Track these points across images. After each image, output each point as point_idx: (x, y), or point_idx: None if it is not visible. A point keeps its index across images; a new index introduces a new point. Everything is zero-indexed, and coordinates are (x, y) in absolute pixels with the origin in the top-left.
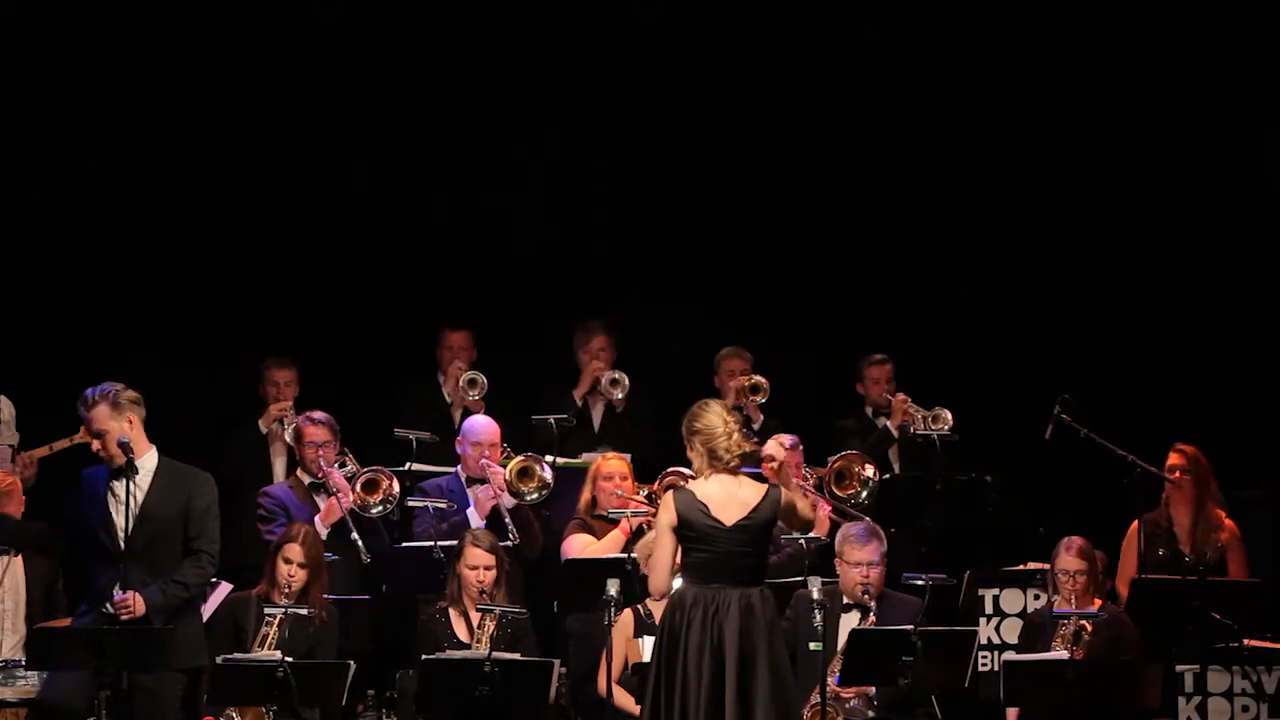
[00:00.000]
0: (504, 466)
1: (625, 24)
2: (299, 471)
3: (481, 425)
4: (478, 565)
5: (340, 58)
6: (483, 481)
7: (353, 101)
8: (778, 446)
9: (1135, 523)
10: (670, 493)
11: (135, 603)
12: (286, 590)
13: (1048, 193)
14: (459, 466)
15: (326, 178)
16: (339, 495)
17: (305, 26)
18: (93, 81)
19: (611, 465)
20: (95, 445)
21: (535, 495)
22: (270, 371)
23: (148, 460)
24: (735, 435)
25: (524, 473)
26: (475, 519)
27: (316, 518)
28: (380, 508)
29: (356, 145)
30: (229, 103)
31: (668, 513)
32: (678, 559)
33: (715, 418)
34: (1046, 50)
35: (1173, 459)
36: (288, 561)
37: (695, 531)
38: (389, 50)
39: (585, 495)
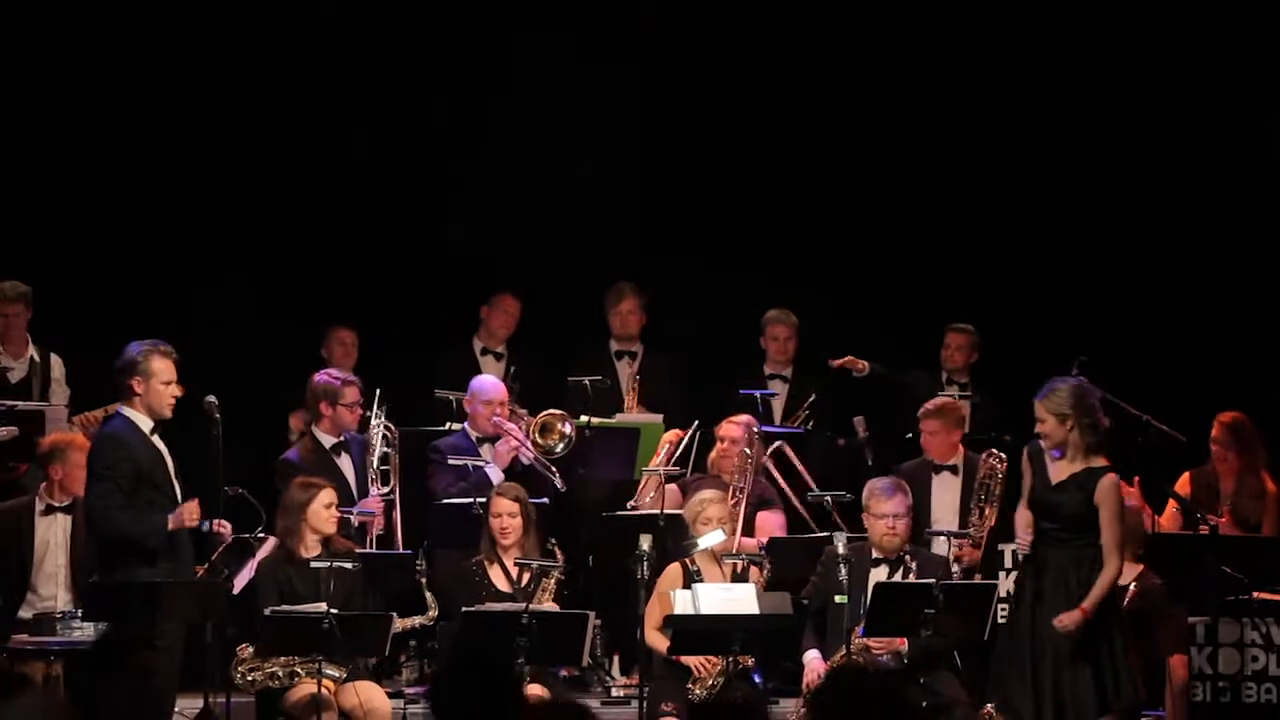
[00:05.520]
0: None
1: None
2: (316, 432)
3: (491, 384)
4: (501, 513)
5: (382, 28)
6: (493, 439)
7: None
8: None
9: (1185, 475)
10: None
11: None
12: (326, 533)
13: (1065, 165)
14: (466, 424)
15: (342, 144)
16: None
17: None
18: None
19: (730, 429)
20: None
21: (561, 447)
22: (336, 333)
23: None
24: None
25: (545, 428)
26: (495, 474)
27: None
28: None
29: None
30: (258, 74)
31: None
32: None
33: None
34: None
35: (1214, 431)
36: (329, 505)
37: None
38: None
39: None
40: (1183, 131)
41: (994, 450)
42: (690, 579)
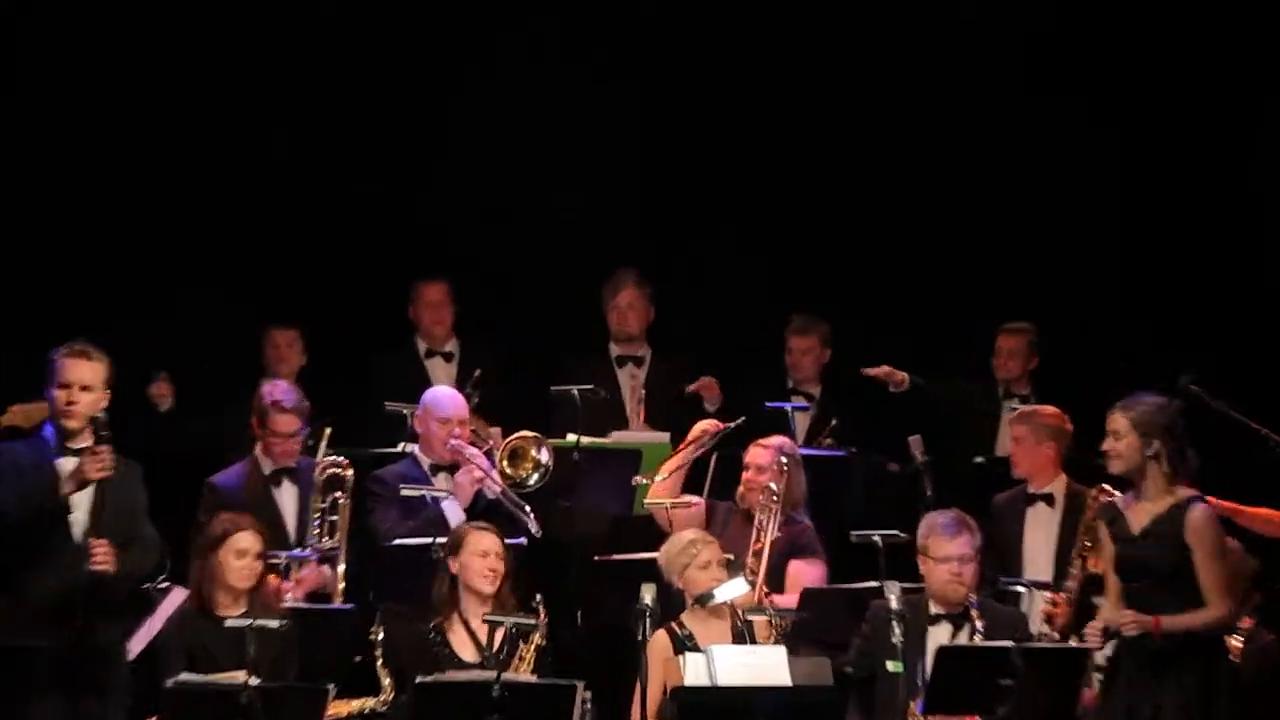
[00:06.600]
0: (477, 448)
1: None
2: (259, 453)
3: (448, 398)
4: (489, 552)
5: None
6: (450, 467)
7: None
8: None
9: None
10: None
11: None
12: (241, 589)
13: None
14: (415, 448)
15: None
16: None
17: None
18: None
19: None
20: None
21: (535, 479)
22: (272, 334)
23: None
24: None
25: (516, 455)
26: (455, 510)
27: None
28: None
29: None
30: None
31: None
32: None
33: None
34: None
35: None
36: (242, 554)
37: None
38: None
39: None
40: (1186, 132)
41: (1107, 486)
42: (681, 645)
